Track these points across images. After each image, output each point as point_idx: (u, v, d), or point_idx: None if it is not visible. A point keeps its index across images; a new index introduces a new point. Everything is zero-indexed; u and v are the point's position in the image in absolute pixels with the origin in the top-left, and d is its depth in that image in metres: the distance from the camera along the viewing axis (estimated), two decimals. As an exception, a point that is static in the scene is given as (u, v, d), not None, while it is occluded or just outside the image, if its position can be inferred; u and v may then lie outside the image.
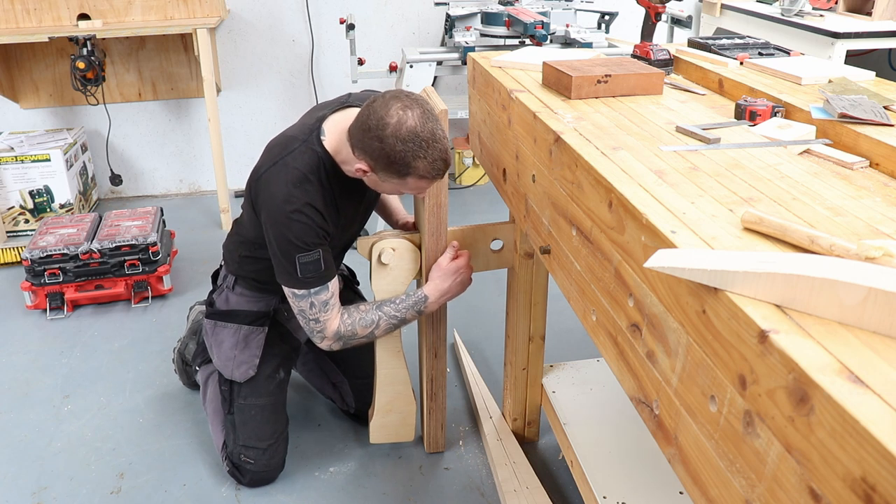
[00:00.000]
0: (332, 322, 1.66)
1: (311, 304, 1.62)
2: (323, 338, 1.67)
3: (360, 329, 1.68)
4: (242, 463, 1.82)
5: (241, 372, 1.83)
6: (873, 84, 1.43)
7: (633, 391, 0.97)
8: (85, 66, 3.08)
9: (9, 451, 1.99)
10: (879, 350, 0.62)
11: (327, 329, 1.65)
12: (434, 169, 1.49)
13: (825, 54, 2.80)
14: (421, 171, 1.48)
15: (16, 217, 3.29)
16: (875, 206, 0.92)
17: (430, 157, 1.47)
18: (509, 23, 2.81)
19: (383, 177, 1.52)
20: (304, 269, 1.58)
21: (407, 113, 1.45)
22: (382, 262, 1.70)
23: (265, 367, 1.85)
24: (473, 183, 3.90)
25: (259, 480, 1.85)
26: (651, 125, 1.26)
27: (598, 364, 1.94)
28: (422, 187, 1.56)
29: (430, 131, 1.46)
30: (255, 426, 1.83)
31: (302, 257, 1.57)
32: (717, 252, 0.77)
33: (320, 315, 1.64)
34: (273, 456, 1.84)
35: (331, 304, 1.64)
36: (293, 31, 3.66)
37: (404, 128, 1.44)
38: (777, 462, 0.64)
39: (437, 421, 1.91)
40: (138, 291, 2.72)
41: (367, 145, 1.48)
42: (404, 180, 1.51)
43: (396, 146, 1.44)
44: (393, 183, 1.54)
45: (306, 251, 1.57)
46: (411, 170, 1.48)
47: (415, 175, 1.49)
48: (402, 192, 1.62)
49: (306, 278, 1.59)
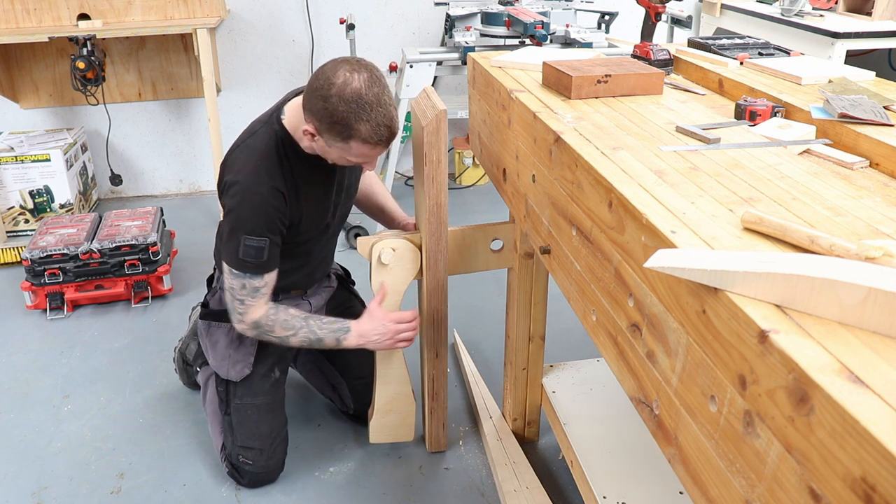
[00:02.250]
0: (257, 310, 1.66)
1: (243, 285, 1.64)
2: (240, 321, 1.68)
3: (279, 329, 1.68)
4: (241, 464, 1.82)
5: (237, 371, 1.83)
6: (873, 84, 1.43)
7: (633, 391, 0.97)
8: (85, 66, 3.08)
9: (9, 451, 1.99)
10: (879, 350, 0.62)
11: (249, 314, 1.66)
12: (377, 134, 1.48)
13: (825, 54, 2.80)
14: (363, 135, 1.48)
15: (16, 217, 3.28)
16: (875, 206, 0.92)
17: (374, 122, 1.46)
18: (509, 23, 2.81)
19: (328, 140, 1.52)
20: (247, 251, 1.60)
21: (353, 75, 1.46)
22: (383, 262, 1.70)
23: (260, 367, 1.84)
24: (473, 183, 3.90)
25: (258, 481, 1.84)
26: (651, 125, 1.26)
27: (598, 364, 1.93)
28: (366, 155, 1.54)
29: (375, 95, 1.46)
30: (252, 426, 1.82)
31: (248, 240, 1.59)
32: (717, 252, 0.77)
33: (247, 299, 1.65)
34: (271, 457, 1.83)
35: (261, 293, 1.65)
36: (293, 31, 3.66)
37: (349, 89, 1.44)
38: (777, 462, 0.64)
39: (438, 420, 1.91)
40: (138, 291, 2.72)
41: (312, 105, 1.49)
42: (348, 144, 1.50)
43: (339, 106, 1.44)
44: (338, 148, 1.53)
45: (254, 235, 1.59)
46: (353, 132, 1.47)
47: (357, 139, 1.48)
48: (350, 163, 1.60)
49: (245, 262, 1.60)
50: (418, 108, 1.66)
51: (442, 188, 1.64)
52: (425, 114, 1.59)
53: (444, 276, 1.74)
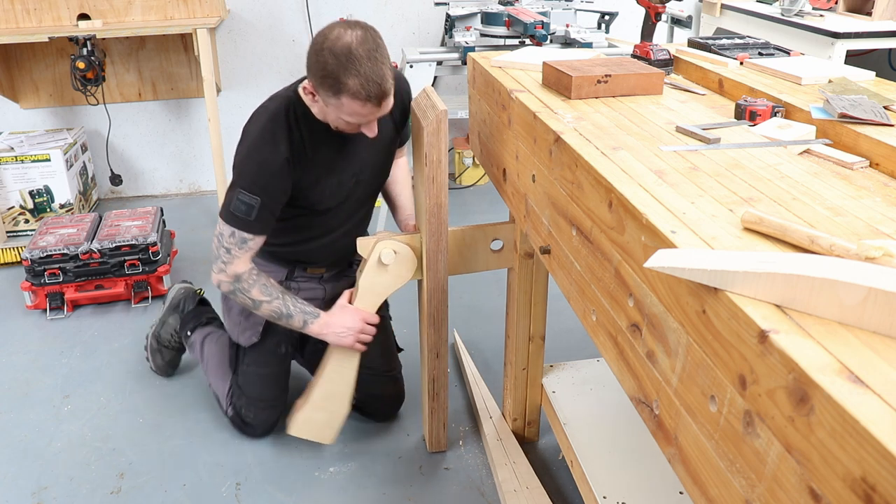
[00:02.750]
0: (241, 263, 1.70)
1: (233, 233, 1.67)
2: (222, 269, 1.70)
3: (255, 292, 1.72)
4: (244, 415, 1.98)
5: (246, 337, 1.92)
6: (873, 84, 1.43)
7: (633, 391, 0.97)
8: (85, 66, 3.08)
9: (9, 451, 1.99)
10: (879, 350, 0.62)
11: (233, 265, 1.69)
12: (365, 89, 1.48)
13: (825, 54, 2.80)
14: (352, 89, 1.48)
15: (16, 217, 3.28)
16: (875, 206, 0.92)
17: (363, 76, 1.46)
18: (509, 23, 2.81)
19: (324, 98, 1.54)
20: (237, 205, 1.64)
21: (347, 32, 1.48)
22: (383, 262, 1.70)
23: (268, 340, 1.92)
24: (473, 183, 3.90)
25: (258, 433, 2.01)
26: (651, 125, 1.26)
27: (598, 364, 1.93)
28: (359, 113, 1.54)
29: (366, 51, 1.47)
30: (256, 391, 1.96)
31: (241, 194, 1.63)
32: (717, 252, 0.77)
33: (233, 248, 1.68)
34: (271, 415, 1.99)
35: (248, 247, 1.69)
36: (293, 31, 3.65)
37: (340, 42, 1.47)
38: (777, 462, 0.64)
39: (438, 420, 1.91)
40: (138, 291, 2.72)
41: (308, 61, 1.52)
42: (339, 100, 1.51)
43: (329, 60, 1.47)
44: (332, 106, 1.54)
45: (248, 192, 1.63)
46: (342, 86, 1.48)
47: (347, 94, 1.49)
48: (350, 126, 1.60)
49: (234, 214, 1.64)
50: (418, 109, 1.66)
51: (442, 188, 1.64)
52: (425, 114, 1.59)
53: (444, 276, 1.74)
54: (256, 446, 1.99)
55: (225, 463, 1.93)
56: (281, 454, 1.96)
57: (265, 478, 1.88)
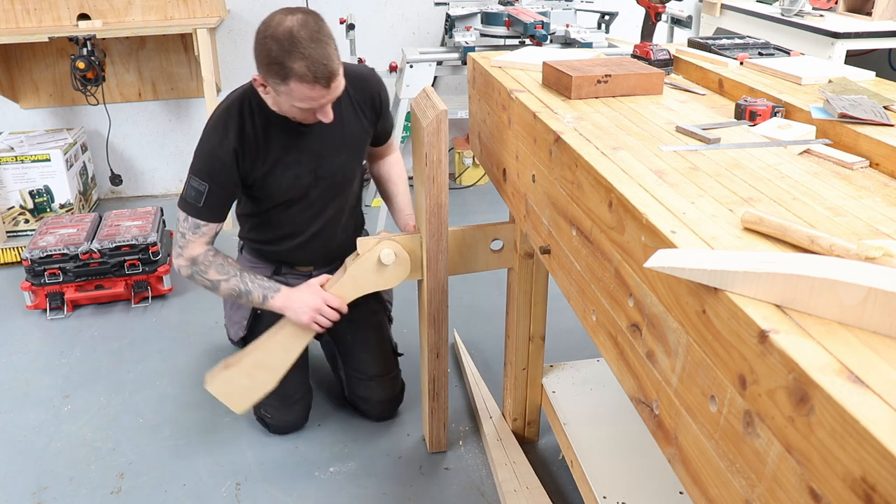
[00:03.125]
0: (196, 247, 1.73)
1: (186, 218, 1.72)
2: (179, 254, 1.75)
3: (213, 271, 1.74)
4: (262, 416, 2.00)
5: (234, 332, 1.97)
6: (873, 84, 1.43)
7: (633, 391, 0.97)
8: (85, 66, 3.08)
9: (9, 451, 1.99)
10: (879, 350, 0.62)
11: (188, 249, 1.73)
12: (312, 71, 1.47)
13: (825, 54, 2.80)
14: (299, 73, 1.48)
15: (16, 217, 3.28)
16: (875, 206, 0.92)
17: (308, 58, 1.47)
18: (509, 23, 2.81)
19: (273, 86, 1.54)
20: (188, 191, 1.71)
21: (288, 17, 1.49)
22: (383, 262, 1.70)
23: (257, 331, 1.85)
24: (473, 183, 3.90)
25: (282, 430, 2.02)
26: (651, 125, 1.26)
27: (598, 364, 1.93)
28: (310, 97, 1.53)
29: (309, 34, 1.47)
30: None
31: (192, 180, 1.70)
32: (717, 252, 0.77)
33: (188, 233, 1.73)
34: (288, 414, 1.98)
35: (202, 232, 1.73)
36: (293, 31, 3.65)
37: (281, 28, 1.48)
38: (777, 462, 0.64)
39: (439, 420, 1.91)
40: (138, 291, 2.72)
41: (255, 52, 1.54)
42: (288, 86, 1.51)
43: (273, 46, 1.48)
44: (283, 94, 1.54)
45: (197, 178, 1.69)
46: (289, 72, 1.48)
47: (295, 78, 1.49)
48: (305, 113, 1.60)
49: (186, 200, 1.71)
50: (418, 109, 1.66)
51: (442, 188, 1.64)
52: (425, 114, 1.59)
53: (444, 276, 1.74)
54: (256, 446, 1.99)
55: (225, 463, 1.93)
56: (281, 454, 1.96)
57: (265, 478, 1.88)
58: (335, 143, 1.80)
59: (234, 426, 2.06)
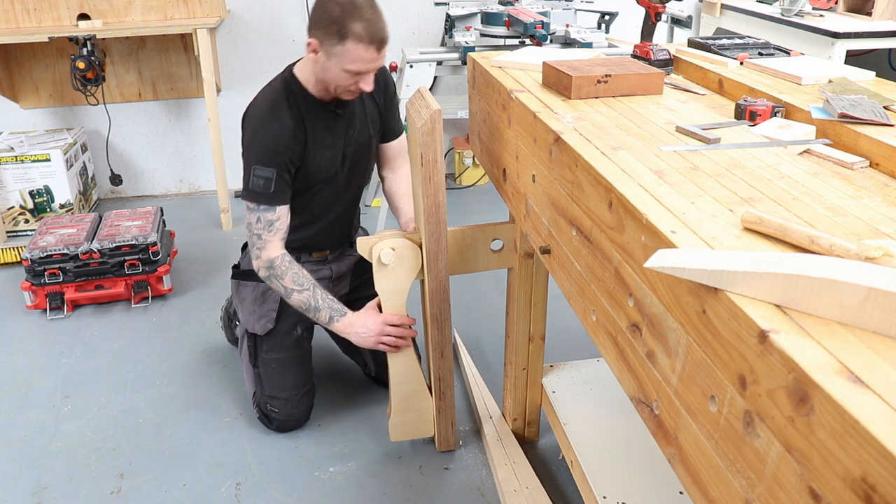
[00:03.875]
0: (273, 248, 1.79)
1: (258, 218, 1.77)
2: (258, 257, 1.80)
3: (289, 279, 1.79)
4: (269, 411, 2.00)
5: (261, 325, 1.98)
6: (873, 84, 1.43)
7: (633, 391, 0.97)
8: (85, 66, 3.08)
9: (9, 451, 1.99)
10: (879, 350, 0.62)
11: (266, 251, 1.79)
12: (369, 33, 1.61)
13: (825, 54, 2.80)
14: (357, 33, 1.60)
15: (16, 217, 3.29)
16: (875, 206, 0.92)
17: (366, 20, 1.60)
18: (509, 23, 2.81)
19: (327, 49, 1.64)
20: (255, 181, 1.74)
21: None
22: (383, 262, 1.70)
23: (283, 324, 1.98)
24: (473, 183, 3.90)
25: (284, 427, 2.02)
26: (651, 125, 1.26)
27: (598, 364, 1.93)
28: (363, 59, 1.64)
29: (367, 2, 1.62)
30: (278, 378, 1.99)
31: (258, 170, 1.74)
32: (717, 252, 0.77)
33: (263, 233, 1.78)
34: (296, 406, 2.00)
35: (276, 228, 1.79)
36: (293, 31, 3.65)
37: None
38: (777, 462, 0.64)
39: (447, 420, 1.91)
40: (138, 291, 2.72)
41: (313, 15, 1.66)
42: (344, 46, 1.62)
43: (334, 8, 1.61)
44: (336, 57, 1.64)
45: (262, 165, 1.74)
46: (347, 31, 1.60)
47: (353, 38, 1.60)
48: (347, 76, 1.68)
49: (255, 192, 1.75)
50: (413, 109, 1.66)
51: (439, 188, 1.63)
52: (420, 114, 1.59)
53: (445, 276, 1.74)
54: (256, 446, 1.99)
55: (225, 463, 1.93)
56: (281, 454, 1.96)
57: (265, 478, 1.88)
58: (360, 124, 1.92)
59: (234, 426, 2.06)
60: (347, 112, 1.87)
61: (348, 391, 2.22)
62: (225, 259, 3.07)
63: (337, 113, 1.85)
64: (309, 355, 2.08)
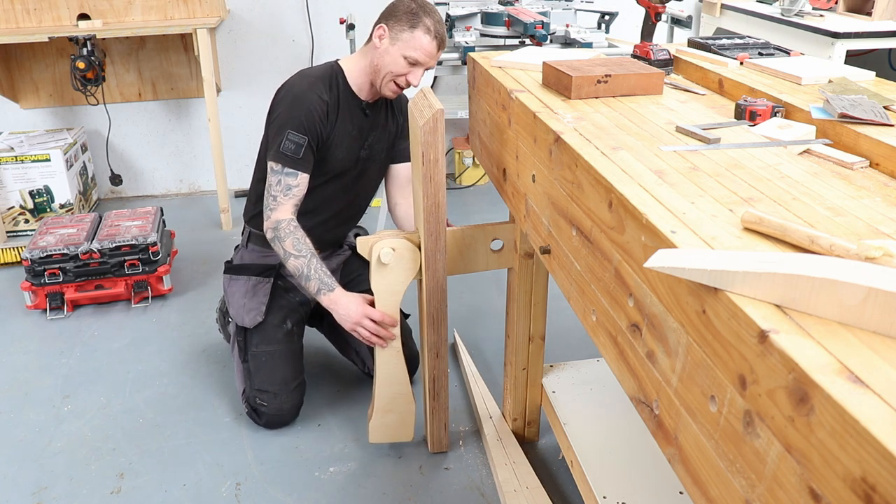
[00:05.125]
0: (283, 210, 1.85)
1: (279, 181, 1.85)
2: (268, 217, 1.86)
3: (289, 243, 1.83)
4: (258, 405, 2.00)
5: (251, 318, 2.01)
6: (873, 84, 1.43)
7: (633, 391, 0.97)
8: (85, 66, 3.08)
9: (9, 451, 1.99)
10: (879, 350, 0.62)
11: (276, 211, 1.85)
12: (436, 30, 1.82)
13: (825, 54, 2.80)
14: (427, 25, 1.81)
15: (16, 217, 3.29)
16: (875, 206, 0.92)
17: (435, 20, 1.83)
18: (509, 23, 2.80)
19: (397, 32, 1.82)
20: (287, 145, 1.83)
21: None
22: (382, 261, 1.70)
23: (272, 318, 2.02)
24: (473, 183, 3.90)
25: (274, 423, 2.03)
26: (651, 125, 1.26)
27: (598, 364, 1.93)
28: (424, 49, 1.82)
29: (434, 10, 1.84)
30: (267, 372, 2.00)
31: (291, 134, 1.83)
32: (717, 252, 0.77)
33: (279, 195, 1.85)
34: (285, 401, 2.00)
35: (293, 193, 1.86)
36: (293, 31, 3.65)
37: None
38: (777, 462, 0.64)
39: (440, 421, 1.91)
40: (138, 291, 2.72)
41: (387, 10, 1.86)
42: (413, 33, 1.81)
43: (411, 4, 1.83)
44: (401, 42, 1.81)
45: (296, 131, 1.83)
46: (420, 21, 1.81)
47: (422, 27, 1.81)
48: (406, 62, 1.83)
49: (285, 155, 1.83)
50: (415, 108, 1.66)
51: (440, 188, 1.63)
52: (422, 113, 1.59)
53: (443, 276, 1.74)
54: (256, 446, 1.99)
55: (225, 463, 1.93)
56: (281, 454, 1.96)
57: (265, 478, 1.88)
58: (379, 133, 2.02)
59: (234, 426, 2.06)
60: (373, 117, 1.97)
61: (348, 391, 2.22)
62: (225, 259, 3.06)
63: (365, 113, 1.95)
64: (300, 352, 2.08)
